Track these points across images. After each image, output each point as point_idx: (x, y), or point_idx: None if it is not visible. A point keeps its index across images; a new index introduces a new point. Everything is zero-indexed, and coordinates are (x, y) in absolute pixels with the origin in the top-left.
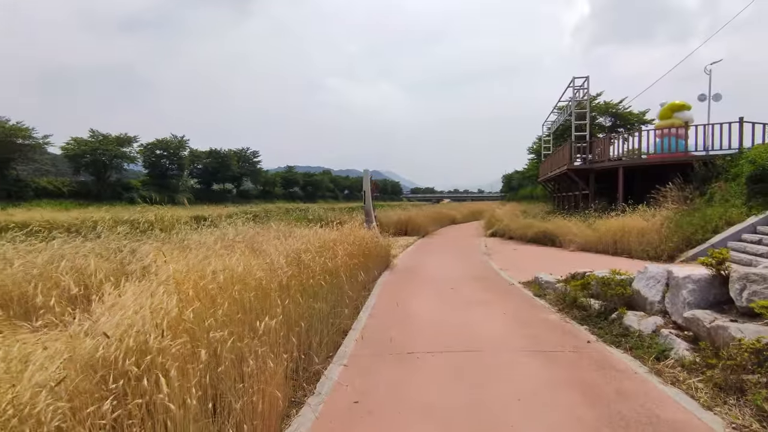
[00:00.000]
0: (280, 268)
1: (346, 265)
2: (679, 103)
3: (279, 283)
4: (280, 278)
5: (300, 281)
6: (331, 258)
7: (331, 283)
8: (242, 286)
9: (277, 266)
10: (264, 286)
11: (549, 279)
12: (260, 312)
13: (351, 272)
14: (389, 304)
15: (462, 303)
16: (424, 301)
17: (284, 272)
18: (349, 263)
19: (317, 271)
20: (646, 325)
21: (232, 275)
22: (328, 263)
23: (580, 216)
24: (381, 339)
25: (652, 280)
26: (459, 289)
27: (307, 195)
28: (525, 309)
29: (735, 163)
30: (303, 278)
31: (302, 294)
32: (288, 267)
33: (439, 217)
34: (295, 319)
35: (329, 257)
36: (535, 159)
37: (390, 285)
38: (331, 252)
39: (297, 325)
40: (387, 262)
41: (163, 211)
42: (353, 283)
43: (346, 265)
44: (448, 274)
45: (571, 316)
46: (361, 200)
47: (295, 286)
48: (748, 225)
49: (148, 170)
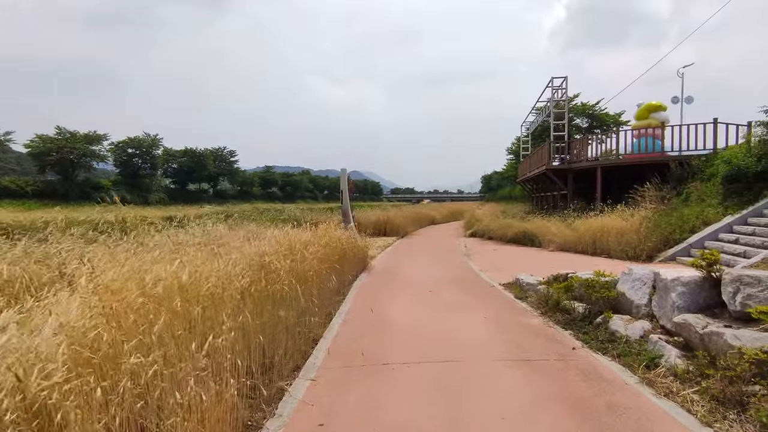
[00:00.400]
0: (241, 273)
1: (317, 269)
2: (655, 103)
3: (237, 290)
4: (240, 285)
5: (263, 288)
6: (301, 261)
7: (300, 289)
8: (190, 295)
9: (236, 272)
10: (218, 294)
11: (530, 280)
12: (211, 326)
13: (323, 276)
14: (365, 308)
15: (441, 306)
16: (402, 305)
17: (244, 278)
18: (321, 266)
19: (283, 276)
20: (633, 329)
21: (177, 284)
22: (297, 267)
23: (559, 216)
24: (354, 348)
25: (638, 282)
26: (438, 292)
27: (286, 195)
28: (506, 312)
29: (710, 163)
30: (267, 284)
31: (265, 302)
32: (250, 272)
33: (418, 217)
34: (254, 331)
35: (298, 260)
36: (514, 160)
37: (366, 288)
38: (301, 255)
39: (257, 337)
40: (364, 264)
41: (125, 211)
42: (325, 288)
43: (318, 269)
44: (426, 276)
45: (555, 320)
46: (339, 200)
47: (256, 293)
48: (725, 224)
49: (120, 169)
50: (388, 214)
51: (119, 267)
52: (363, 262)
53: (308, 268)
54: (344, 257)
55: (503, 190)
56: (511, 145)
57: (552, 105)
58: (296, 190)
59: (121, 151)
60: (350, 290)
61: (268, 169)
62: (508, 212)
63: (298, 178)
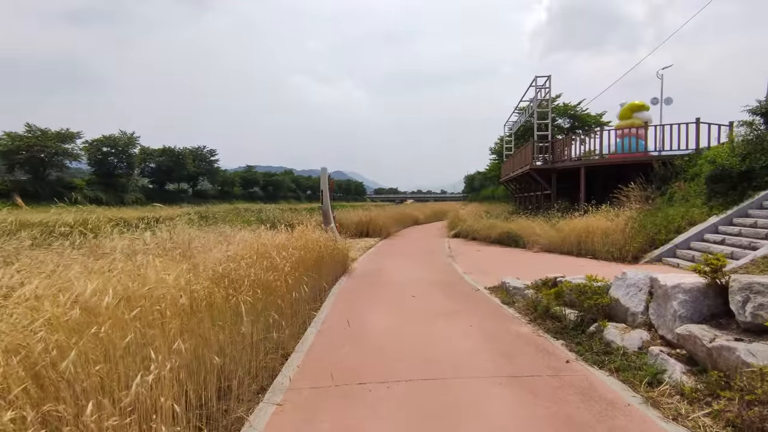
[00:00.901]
0: (200, 283)
1: (290, 275)
2: (638, 103)
3: (192, 304)
4: (197, 297)
5: (224, 300)
6: (272, 268)
7: (269, 299)
8: (125, 317)
9: (194, 282)
10: (162, 313)
11: (517, 284)
12: (147, 354)
13: (297, 283)
14: (343, 316)
15: (424, 314)
16: (382, 313)
17: (202, 290)
18: (295, 272)
19: (248, 285)
20: (630, 340)
21: (112, 301)
22: (264, 276)
23: (543, 216)
24: (327, 365)
25: (632, 288)
26: (421, 297)
27: (268, 195)
28: (493, 320)
29: (693, 163)
30: (229, 295)
31: (226, 316)
32: (208, 283)
33: (401, 217)
34: (209, 352)
35: (267, 267)
36: (497, 160)
37: (346, 293)
38: (271, 261)
39: (214, 358)
40: (345, 267)
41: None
42: (300, 295)
43: (292, 275)
44: (409, 280)
45: (545, 328)
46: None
47: (216, 306)
48: (710, 225)
49: (94, 168)
50: (371, 215)
51: (39, 279)
52: (343, 264)
53: (278, 276)
54: (322, 261)
55: (486, 190)
56: (494, 145)
57: (536, 104)
58: (278, 190)
59: (95, 150)
60: (328, 296)
61: (250, 169)
62: (492, 212)
63: (280, 178)
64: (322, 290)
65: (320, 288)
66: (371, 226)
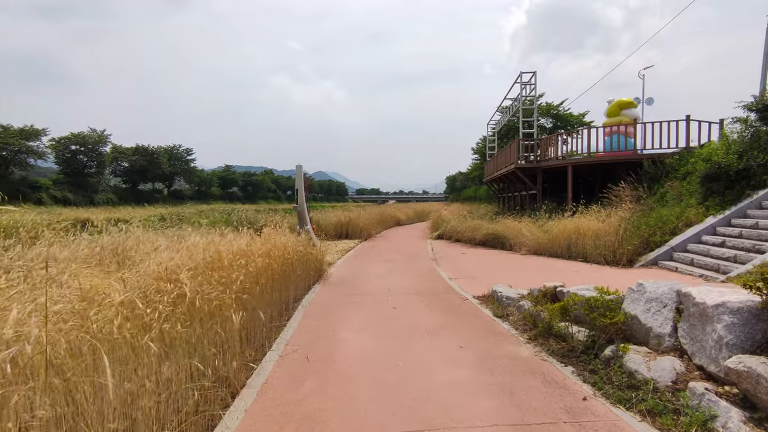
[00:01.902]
0: (112, 308)
1: (247, 290)
2: (626, 100)
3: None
4: (99, 328)
5: (141, 327)
6: (224, 282)
7: (210, 324)
8: None
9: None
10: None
11: (510, 294)
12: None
13: (257, 297)
14: (311, 336)
15: (406, 331)
16: (358, 330)
17: (114, 318)
18: (255, 285)
19: (178, 311)
20: (659, 370)
21: None
22: (214, 289)
23: (530, 217)
24: (283, 410)
25: (654, 303)
26: (403, 309)
27: (247, 196)
28: (486, 339)
29: (684, 161)
30: (151, 320)
31: (142, 355)
32: (124, 308)
33: (383, 218)
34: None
35: (218, 280)
36: (479, 160)
37: (318, 306)
38: (220, 273)
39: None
40: (320, 273)
41: (21, 213)
42: (260, 313)
43: (248, 290)
44: (390, 287)
45: (548, 349)
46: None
47: (126, 340)
48: (708, 226)
49: (62, 167)
50: (351, 215)
51: None
52: (318, 271)
53: (230, 292)
54: (291, 269)
55: (468, 191)
56: (477, 144)
57: (521, 101)
58: (258, 190)
59: (63, 148)
60: (297, 309)
61: (228, 169)
62: (475, 213)
63: (259, 178)
64: (289, 303)
65: (288, 300)
66: (351, 228)
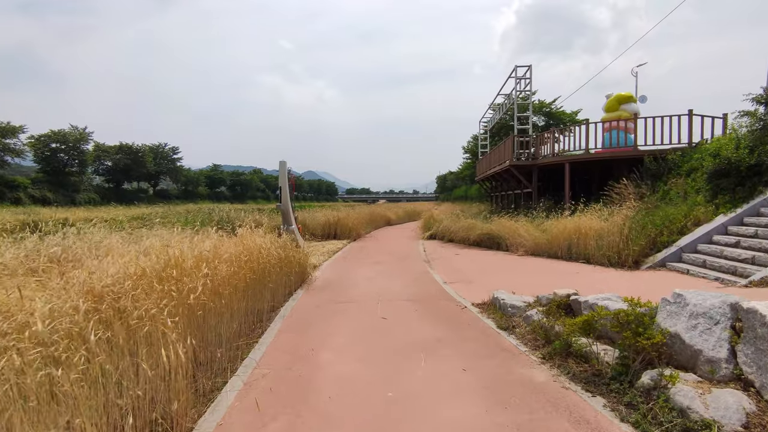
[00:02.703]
0: None
1: (204, 305)
2: (625, 94)
3: None
4: None
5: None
6: (168, 295)
7: (144, 349)
8: None
9: None
10: None
11: (514, 302)
12: None
13: (219, 310)
14: (285, 358)
15: (398, 348)
16: (341, 348)
17: None
18: (214, 297)
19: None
20: (721, 409)
21: None
22: (151, 305)
23: (526, 216)
24: None
25: (702, 319)
26: (394, 319)
27: (236, 195)
28: (493, 357)
29: (688, 157)
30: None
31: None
32: None
33: (372, 218)
34: None
35: (163, 293)
36: (470, 159)
37: (298, 316)
38: (175, 284)
39: None
40: (303, 277)
41: None
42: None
43: (206, 304)
44: (379, 293)
45: (567, 372)
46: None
47: None
48: (719, 225)
49: (41, 166)
50: (339, 215)
51: None
52: (301, 275)
53: (154, 317)
54: (267, 275)
55: (458, 190)
56: (467, 143)
57: (516, 95)
58: (246, 190)
59: (42, 146)
60: (274, 320)
61: (216, 168)
62: (467, 212)
63: (248, 178)
64: (265, 313)
65: (263, 310)
66: (339, 228)
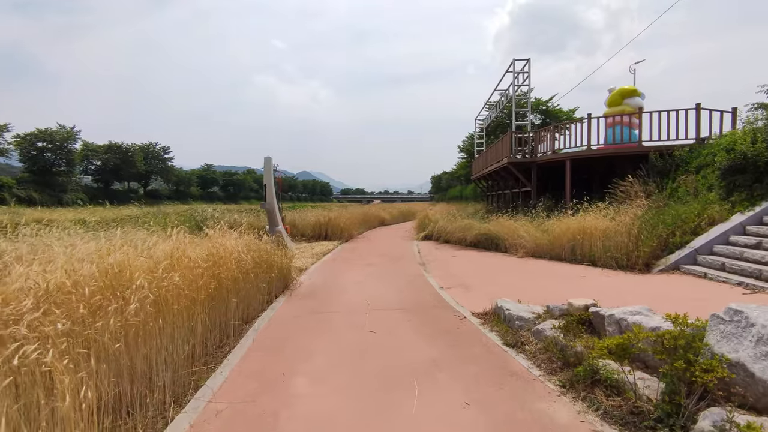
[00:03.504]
0: None
1: (139, 325)
2: (629, 88)
3: None
4: None
5: None
6: (93, 312)
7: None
8: None
9: None
10: None
11: (521, 312)
12: None
13: (161, 331)
14: (250, 387)
15: (386, 373)
16: (319, 374)
17: None
18: (156, 314)
19: None
20: None
21: None
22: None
23: (525, 215)
24: None
25: None
26: (383, 333)
27: (228, 196)
28: (501, 385)
29: (696, 153)
30: None
31: None
32: None
33: (366, 218)
34: None
35: (87, 311)
36: (466, 158)
37: (274, 330)
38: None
39: None
40: (286, 283)
41: None
42: (161, 357)
43: (144, 327)
44: (368, 301)
45: (596, 407)
46: (286, 200)
47: None
48: (736, 224)
49: (26, 165)
50: (330, 215)
51: None
52: (284, 280)
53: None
54: (237, 283)
55: (453, 190)
56: (463, 142)
57: (514, 91)
58: (240, 190)
59: (28, 145)
60: (246, 335)
61: (208, 168)
62: (463, 212)
63: (241, 178)
64: (235, 327)
65: (233, 324)
66: (331, 228)
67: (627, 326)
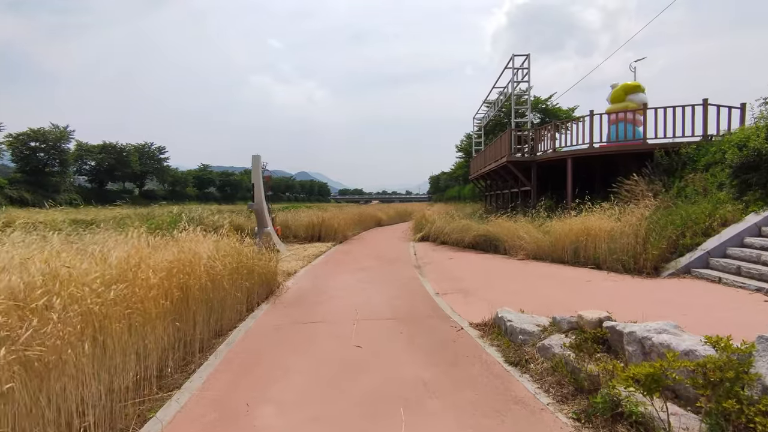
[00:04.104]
0: None
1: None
2: (632, 83)
3: None
4: None
5: None
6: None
7: None
8: None
9: None
10: None
11: (525, 325)
12: None
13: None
14: (208, 416)
15: (371, 399)
16: (292, 398)
17: None
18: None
19: None
20: None
21: None
22: None
23: (524, 216)
24: None
25: None
26: (371, 348)
27: (225, 196)
28: (503, 419)
29: (704, 150)
30: None
31: None
32: None
33: (362, 218)
34: None
35: None
36: (464, 158)
37: (249, 344)
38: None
39: None
40: (271, 289)
41: None
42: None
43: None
44: (358, 308)
45: None
46: (282, 201)
47: None
48: (751, 225)
49: (19, 165)
50: (324, 216)
51: None
52: (267, 286)
53: None
54: (207, 292)
55: (452, 190)
56: (461, 142)
57: (513, 87)
58: (237, 190)
59: (21, 145)
60: (216, 350)
61: (204, 168)
62: (461, 212)
63: (238, 178)
64: (202, 342)
65: (200, 339)
66: (324, 229)
67: (651, 346)
